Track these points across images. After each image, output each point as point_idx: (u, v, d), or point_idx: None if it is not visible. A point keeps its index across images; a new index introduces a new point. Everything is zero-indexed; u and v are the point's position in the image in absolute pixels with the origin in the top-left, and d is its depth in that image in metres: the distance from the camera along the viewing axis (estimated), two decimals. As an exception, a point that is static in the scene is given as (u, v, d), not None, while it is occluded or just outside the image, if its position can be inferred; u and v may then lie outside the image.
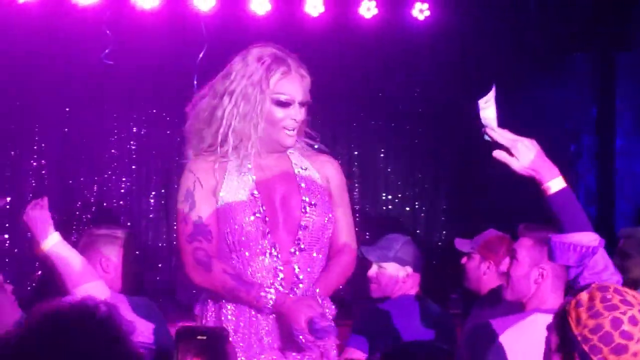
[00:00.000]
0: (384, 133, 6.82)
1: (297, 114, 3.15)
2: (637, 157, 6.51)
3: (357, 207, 6.68)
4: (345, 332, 4.09)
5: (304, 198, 3.16)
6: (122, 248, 3.84)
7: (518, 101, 6.52)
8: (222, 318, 3.11)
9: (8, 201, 3.16)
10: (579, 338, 2.26)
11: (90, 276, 3.09)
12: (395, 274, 4.16)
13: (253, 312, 3.09)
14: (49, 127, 6.22)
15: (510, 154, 2.92)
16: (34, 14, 5.70)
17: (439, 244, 6.73)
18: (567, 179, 6.53)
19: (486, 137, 2.93)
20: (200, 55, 5.78)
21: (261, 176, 3.16)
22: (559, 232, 2.84)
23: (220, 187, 3.13)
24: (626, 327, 2.24)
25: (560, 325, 2.31)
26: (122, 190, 6.37)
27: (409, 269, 4.18)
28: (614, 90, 6.43)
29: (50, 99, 6.13)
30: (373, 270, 4.19)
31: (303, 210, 3.14)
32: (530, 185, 6.48)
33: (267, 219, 3.09)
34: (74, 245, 4.20)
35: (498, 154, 2.95)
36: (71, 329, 1.64)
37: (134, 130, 6.41)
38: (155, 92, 6.32)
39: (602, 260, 2.90)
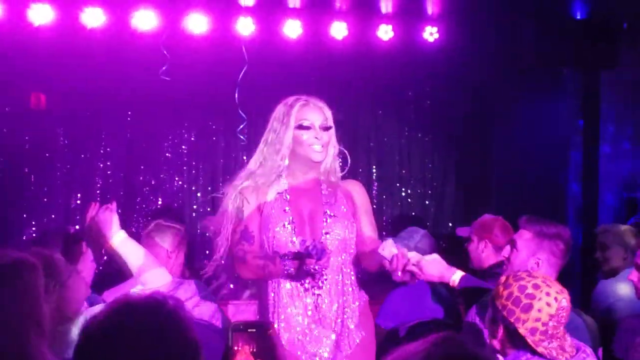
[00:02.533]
0: (398, 140, 6.85)
1: (319, 134, 3.29)
2: (619, 162, 6.52)
3: (375, 201, 6.74)
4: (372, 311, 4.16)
5: (326, 211, 3.32)
6: (182, 240, 3.92)
7: (516, 112, 6.57)
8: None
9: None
10: (500, 307, 2.54)
11: (152, 265, 3.14)
12: None
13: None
14: (114, 134, 6.30)
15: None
16: (103, 37, 5.76)
17: (446, 235, 6.76)
18: (557, 181, 6.56)
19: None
20: (241, 73, 5.80)
21: (294, 195, 3.33)
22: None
23: (264, 200, 3.31)
24: (529, 290, 2.51)
25: (490, 303, 2.58)
26: (175, 188, 6.43)
27: None
28: (598, 103, 6.43)
29: (115, 109, 6.21)
30: None
31: (325, 221, 3.30)
32: (531, 183, 6.47)
33: (295, 229, 3.25)
34: (137, 233, 4.31)
35: (412, 268, 3.20)
36: (143, 319, 1.64)
37: (185, 136, 6.46)
38: (203, 103, 6.37)
39: None
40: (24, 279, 2.16)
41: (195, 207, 6.46)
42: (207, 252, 6.34)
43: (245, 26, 5.94)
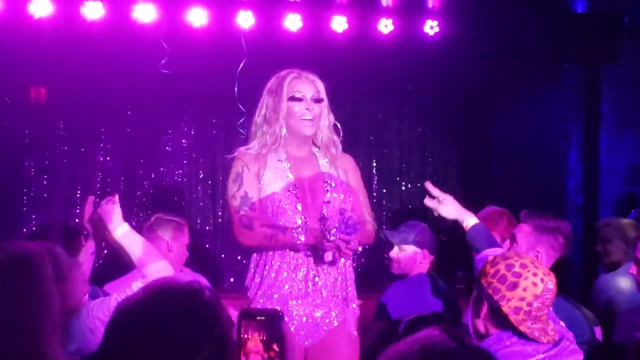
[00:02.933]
0: (399, 135, 6.83)
1: (310, 106, 3.37)
2: (619, 155, 6.51)
3: (375, 195, 6.74)
4: (370, 304, 4.16)
5: (327, 180, 3.41)
6: (183, 234, 3.93)
7: (517, 106, 6.56)
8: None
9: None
10: (485, 285, 2.54)
11: (154, 257, 3.14)
12: (414, 255, 4.19)
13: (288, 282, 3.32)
14: (114, 127, 6.28)
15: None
16: (103, 30, 5.74)
17: (446, 228, 6.73)
18: (558, 174, 6.55)
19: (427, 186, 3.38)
20: (241, 66, 5.79)
21: (293, 164, 3.41)
22: (477, 254, 3.15)
23: (262, 171, 3.37)
24: (517, 269, 2.50)
25: (475, 284, 2.56)
26: (175, 181, 6.42)
27: (425, 252, 4.23)
28: (599, 97, 6.42)
29: (115, 103, 6.19)
30: (395, 252, 4.20)
31: (326, 190, 3.39)
32: (531, 177, 6.45)
33: (297, 194, 3.33)
34: (137, 227, 4.31)
35: (428, 202, 3.42)
36: (180, 307, 1.63)
37: (185, 130, 6.45)
38: (203, 97, 6.36)
39: None
40: (34, 271, 2.14)
41: (195, 200, 6.45)
42: (207, 245, 6.35)
43: (245, 19, 5.92)
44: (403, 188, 6.82)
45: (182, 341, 1.59)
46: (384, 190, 6.78)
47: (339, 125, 3.55)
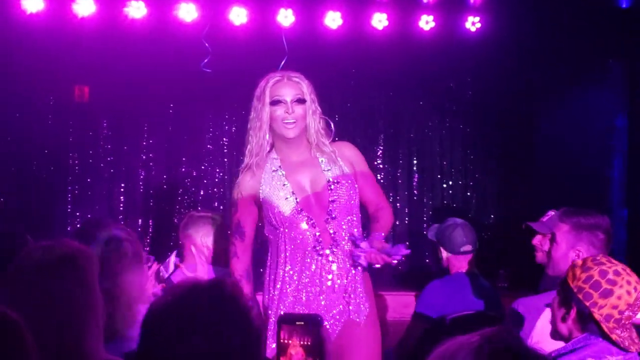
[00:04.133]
0: (439, 131, 6.79)
1: (290, 108, 3.36)
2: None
3: (416, 192, 6.70)
4: (408, 301, 4.13)
5: (328, 179, 3.39)
6: (218, 228, 3.96)
7: (560, 102, 6.47)
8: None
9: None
10: (575, 290, 2.47)
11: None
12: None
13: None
14: (156, 126, 6.34)
15: None
16: (146, 30, 5.80)
17: (488, 225, 6.70)
18: (602, 171, 6.38)
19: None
20: (282, 64, 5.79)
21: (289, 169, 3.42)
22: None
23: (259, 185, 3.41)
24: (611, 276, 2.44)
25: (561, 286, 2.47)
26: (216, 179, 6.45)
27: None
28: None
29: (157, 101, 6.25)
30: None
31: (330, 189, 3.38)
32: (575, 174, 6.32)
33: (297, 200, 3.35)
34: (178, 225, 4.35)
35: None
36: (206, 301, 1.65)
37: (226, 128, 6.48)
38: (243, 95, 6.26)
39: None
40: (84, 270, 2.15)
41: (235, 198, 6.46)
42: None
43: (285, 17, 5.94)
44: (444, 185, 6.77)
45: (213, 337, 1.61)
46: (425, 188, 6.74)
47: (329, 121, 3.54)
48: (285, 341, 1.83)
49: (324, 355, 1.82)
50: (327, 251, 3.33)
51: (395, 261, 3.30)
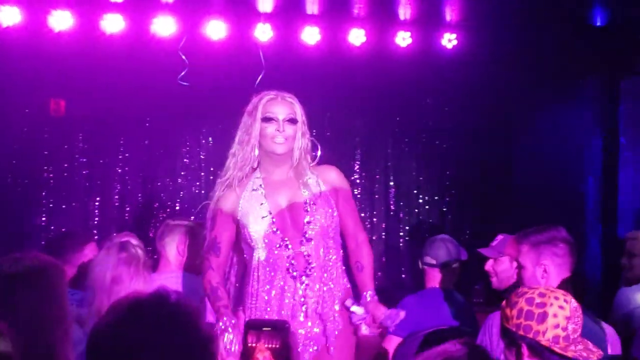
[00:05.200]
0: (415, 146, 6.81)
1: (282, 127, 3.38)
2: (638, 166, 6.44)
3: (392, 208, 6.71)
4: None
5: (306, 200, 3.39)
6: (194, 235, 3.98)
7: (536, 119, 6.52)
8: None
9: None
10: (514, 329, 2.46)
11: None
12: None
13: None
14: (132, 139, 6.30)
15: None
16: (123, 43, 5.77)
17: (464, 241, 6.70)
18: (577, 188, 6.45)
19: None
20: (259, 79, 5.81)
21: (270, 188, 3.43)
22: None
23: (238, 202, 3.41)
24: (538, 300, 2.43)
25: (502, 333, 2.48)
26: (193, 193, 6.40)
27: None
28: (618, 110, 6.37)
29: (133, 115, 6.20)
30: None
31: (306, 210, 3.37)
32: (551, 190, 6.35)
33: (274, 220, 3.34)
34: (154, 238, 4.34)
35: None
36: (147, 314, 1.65)
37: (203, 142, 6.45)
38: (220, 109, 6.32)
39: None
40: (53, 282, 2.18)
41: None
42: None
43: (263, 32, 5.94)
44: (420, 201, 6.79)
45: (160, 353, 1.61)
46: (401, 203, 6.75)
47: (317, 143, 3.56)
48: (253, 345, 1.84)
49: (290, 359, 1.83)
50: (301, 273, 3.32)
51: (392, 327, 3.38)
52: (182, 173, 6.40)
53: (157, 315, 1.64)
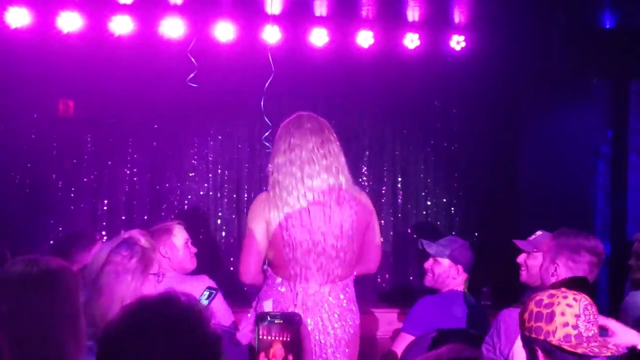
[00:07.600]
0: (423, 149, 6.80)
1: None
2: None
3: (400, 209, 6.70)
4: (392, 318, 4.13)
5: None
6: (172, 235, 4.04)
7: (544, 121, 6.50)
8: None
9: None
10: (527, 333, 2.44)
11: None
12: (448, 269, 4.17)
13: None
14: (141, 140, 6.31)
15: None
16: (131, 45, 5.79)
17: (472, 243, 6.68)
18: (585, 191, 6.43)
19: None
20: (268, 81, 5.81)
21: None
22: None
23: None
24: (546, 300, 2.44)
25: (522, 340, 2.48)
26: (200, 195, 6.42)
27: (459, 267, 4.20)
28: (627, 113, 6.35)
29: (142, 116, 6.22)
30: (429, 262, 4.22)
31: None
32: (559, 192, 6.32)
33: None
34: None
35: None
36: (156, 316, 1.65)
37: (211, 144, 6.46)
38: (229, 111, 6.39)
39: None
40: (65, 287, 2.17)
41: (220, 214, 6.45)
42: (232, 258, 6.35)
43: (271, 34, 5.94)
44: (428, 203, 6.78)
45: (168, 352, 1.61)
46: (409, 205, 6.74)
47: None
48: (265, 338, 1.86)
49: (301, 352, 1.86)
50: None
51: None
52: (190, 174, 6.41)
53: (168, 318, 1.64)
